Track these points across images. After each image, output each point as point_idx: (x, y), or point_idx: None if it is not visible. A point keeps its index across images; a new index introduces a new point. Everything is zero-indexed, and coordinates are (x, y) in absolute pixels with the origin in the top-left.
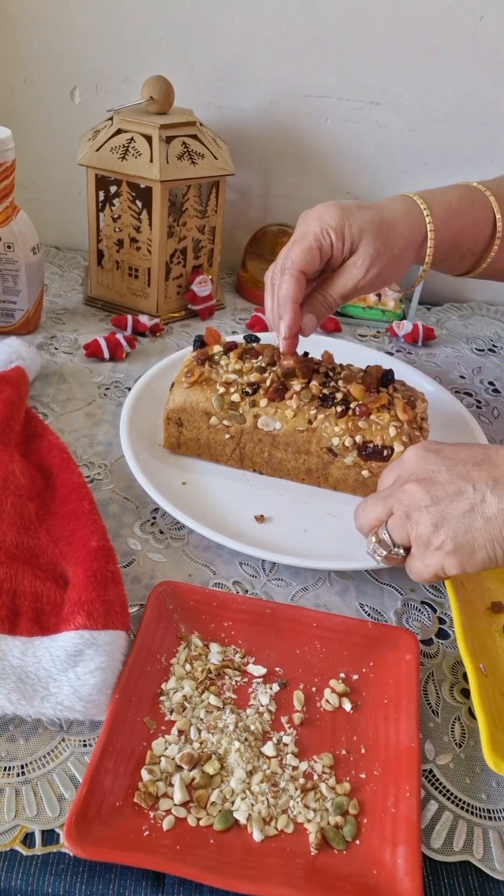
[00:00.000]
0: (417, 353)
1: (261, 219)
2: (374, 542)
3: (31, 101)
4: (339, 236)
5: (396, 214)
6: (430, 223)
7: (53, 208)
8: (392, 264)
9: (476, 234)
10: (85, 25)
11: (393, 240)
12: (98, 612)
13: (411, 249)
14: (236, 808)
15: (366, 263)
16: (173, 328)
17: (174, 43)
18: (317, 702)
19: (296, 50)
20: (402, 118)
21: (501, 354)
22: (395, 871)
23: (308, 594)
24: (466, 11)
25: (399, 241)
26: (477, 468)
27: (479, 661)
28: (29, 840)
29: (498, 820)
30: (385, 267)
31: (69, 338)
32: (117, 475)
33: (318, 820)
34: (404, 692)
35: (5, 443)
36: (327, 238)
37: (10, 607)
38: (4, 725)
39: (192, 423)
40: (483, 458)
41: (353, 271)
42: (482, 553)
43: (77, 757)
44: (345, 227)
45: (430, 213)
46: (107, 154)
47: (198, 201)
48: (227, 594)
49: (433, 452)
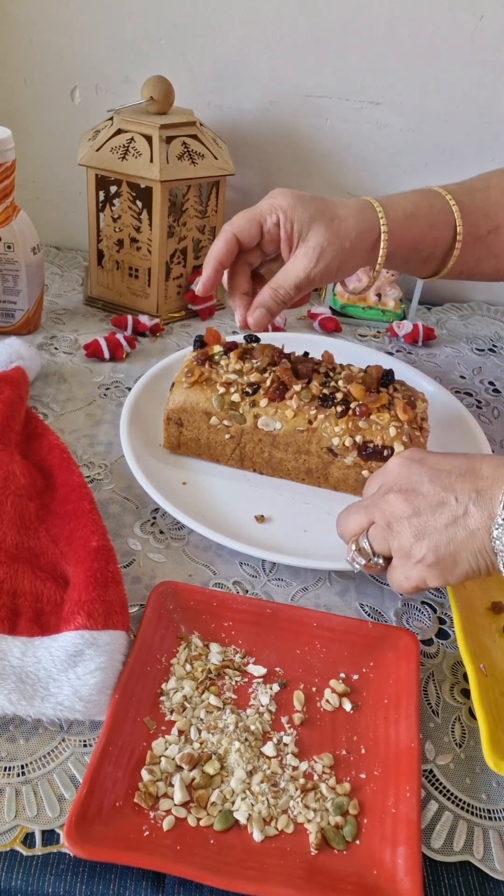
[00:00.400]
0: (417, 353)
1: None
2: (353, 549)
3: (31, 101)
4: (287, 218)
5: (350, 211)
6: (384, 225)
7: (53, 208)
8: (342, 257)
9: (436, 238)
10: (85, 25)
11: (344, 233)
12: (98, 612)
13: (363, 247)
14: (236, 808)
15: (316, 252)
16: (173, 328)
17: (174, 43)
18: (317, 702)
19: (296, 50)
20: (402, 118)
21: (501, 354)
22: (395, 871)
23: (308, 594)
24: (466, 11)
25: (350, 236)
26: (460, 479)
27: (479, 661)
28: (29, 840)
29: (498, 820)
30: (335, 258)
31: (69, 338)
32: (117, 475)
33: (318, 820)
34: (404, 692)
35: (5, 443)
36: (273, 216)
37: (10, 607)
38: (4, 725)
39: (192, 423)
40: (467, 468)
41: (303, 260)
42: (464, 565)
43: (77, 757)
44: (295, 212)
45: (384, 215)
46: (107, 154)
47: (198, 201)
48: (227, 594)
49: (417, 462)
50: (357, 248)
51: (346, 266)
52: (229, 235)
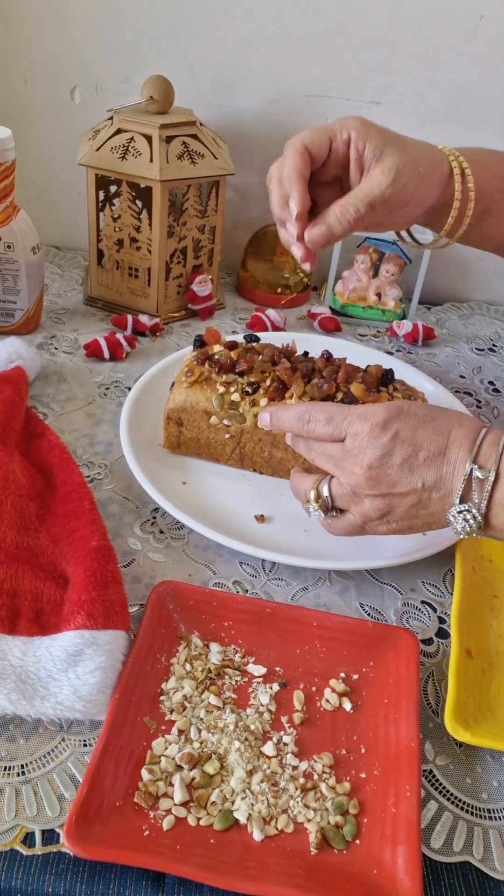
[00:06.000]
0: (417, 353)
1: (261, 219)
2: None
3: (31, 101)
4: (360, 136)
5: (419, 143)
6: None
7: (53, 208)
8: (417, 181)
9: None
10: (85, 25)
11: (417, 159)
12: (98, 611)
13: (433, 180)
14: (236, 808)
15: (393, 171)
16: (173, 328)
17: (174, 43)
18: (317, 701)
19: (296, 50)
20: (402, 118)
21: (501, 354)
22: (395, 870)
23: (308, 594)
24: (466, 11)
25: (423, 162)
26: (429, 464)
27: (468, 644)
28: (29, 840)
29: (498, 820)
30: (410, 181)
31: (69, 338)
32: (117, 475)
33: (318, 819)
34: (404, 692)
35: (5, 443)
36: (345, 133)
37: (10, 607)
38: (4, 725)
39: (192, 422)
40: (438, 450)
41: (379, 178)
42: (416, 530)
43: (77, 757)
44: (369, 132)
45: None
46: (107, 154)
47: (198, 201)
48: (227, 594)
49: (392, 434)
50: (429, 178)
51: (418, 194)
52: (300, 147)
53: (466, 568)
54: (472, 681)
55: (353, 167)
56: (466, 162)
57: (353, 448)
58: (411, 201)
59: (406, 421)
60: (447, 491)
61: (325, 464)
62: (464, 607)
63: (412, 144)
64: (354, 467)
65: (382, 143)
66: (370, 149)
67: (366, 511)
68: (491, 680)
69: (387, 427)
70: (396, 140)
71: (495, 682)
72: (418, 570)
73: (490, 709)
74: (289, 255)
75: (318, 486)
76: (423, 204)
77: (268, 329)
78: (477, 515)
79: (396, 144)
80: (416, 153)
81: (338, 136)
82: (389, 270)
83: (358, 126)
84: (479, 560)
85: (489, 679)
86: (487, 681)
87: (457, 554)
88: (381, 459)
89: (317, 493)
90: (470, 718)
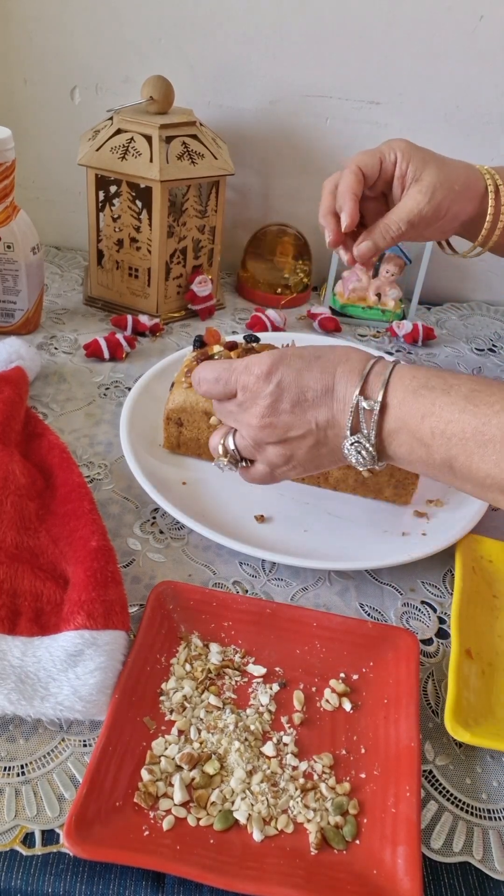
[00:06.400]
0: (417, 353)
1: (261, 219)
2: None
3: (31, 101)
4: (405, 157)
5: (458, 162)
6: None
7: (53, 208)
8: (452, 199)
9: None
10: (85, 25)
11: (454, 177)
12: (98, 612)
13: (469, 195)
14: (236, 808)
15: (430, 190)
16: (173, 328)
17: (174, 43)
18: (317, 702)
19: (296, 50)
20: (402, 118)
21: (501, 354)
22: (395, 871)
23: (308, 594)
24: (466, 11)
25: (459, 180)
26: (317, 405)
27: (468, 644)
28: (29, 840)
29: (498, 820)
30: (445, 198)
31: (69, 338)
32: (117, 475)
33: (318, 820)
34: (404, 692)
35: (5, 443)
36: (392, 154)
37: (10, 607)
38: (4, 725)
39: (192, 422)
40: (324, 387)
41: (417, 196)
42: (324, 468)
43: (77, 757)
44: (412, 153)
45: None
46: (107, 154)
47: (198, 201)
48: (227, 594)
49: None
50: (465, 195)
51: (453, 209)
52: (355, 168)
53: (466, 568)
54: (472, 681)
55: (396, 185)
56: (501, 179)
57: (244, 401)
58: (447, 215)
59: (290, 365)
60: (340, 426)
61: (227, 419)
62: (464, 607)
63: (450, 164)
64: (250, 419)
65: (423, 163)
66: (412, 169)
67: (270, 459)
68: (491, 680)
69: (270, 375)
70: (436, 160)
71: (495, 682)
72: (418, 570)
73: (490, 709)
74: (289, 256)
75: (225, 441)
76: (459, 217)
77: (268, 329)
78: (368, 446)
79: (435, 164)
80: (453, 172)
81: (386, 158)
82: (389, 270)
83: (403, 148)
84: (479, 560)
85: (489, 679)
86: (487, 681)
87: (457, 554)
88: (271, 407)
89: (223, 447)
90: (470, 719)
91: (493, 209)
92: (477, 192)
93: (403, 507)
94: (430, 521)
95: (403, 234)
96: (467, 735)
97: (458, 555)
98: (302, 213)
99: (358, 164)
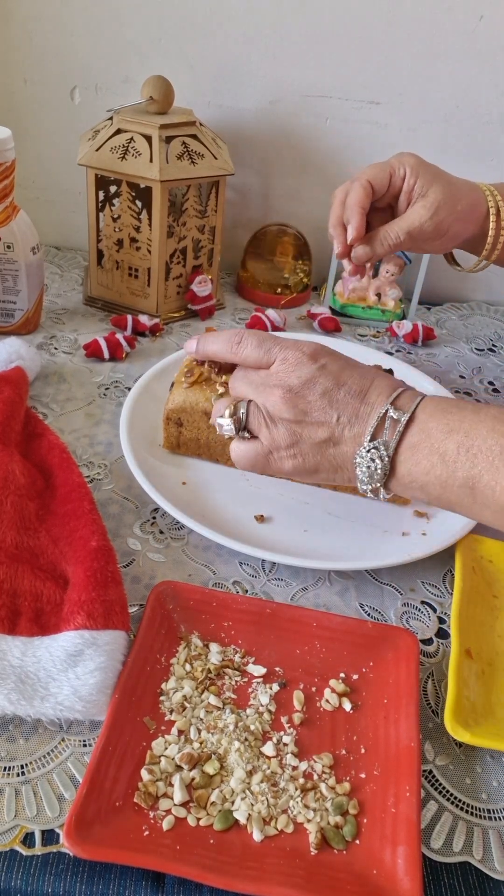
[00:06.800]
0: (417, 353)
1: (261, 219)
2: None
3: (31, 101)
4: (413, 173)
5: (463, 183)
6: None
7: (53, 208)
8: (454, 217)
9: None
10: (85, 25)
11: (458, 196)
12: (98, 612)
13: (472, 216)
14: (236, 808)
15: (434, 206)
16: (173, 328)
17: (174, 43)
18: (317, 702)
19: (296, 50)
20: (402, 118)
21: (501, 354)
22: (395, 871)
23: (308, 594)
24: (466, 11)
25: (463, 200)
26: (348, 400)
27: (468, 644)
28: (29, 840)
29: (498, 820)
30: (448, 216)
31: (69, 338)
32: (117, 475)
33: (318, 820)
34: (404, 692)
35: (5, 443)
36: (401, 170)
37: (10, 607)
38: (4, 725)
39: (191, 423)
40: (360, 389)
41: (420, 211)
42: (319, 477)
43: (77, 757)
44: (420, 169)
45: (490, 191)
46: (107, 154)
47: (198, 201)
48: (226, 594)
49: (320, 367)
50: (468, 215)
51: (455, 228)
52: (365, 183)
53: (466, 568)
54: (471, 681)
55: (403, 198)
56: (503, 198)
57: (279, 371)
58: (448, 233)
59: (335, 359)
60: (360, 429)
61: (244, 388)
62: (464, 607)
63: (456, 184)
64: (275, 389)
65: (430, 180)
66: (419, 185)
67: (275, 437)
68: (491, 680)
69: (316, 358)
70: (443, 179)
71: (495, 682)
72: (418, 570)
73: (490, 709)
74: (288, 256)
75: (236, 404)
76: (460, 236)
77: (268, 329)
78: (384, 455)
79: (442, 183)
80: (458, 192)
81: (396, 172)
82: (389, 271)
83: (413, 164)
84: (479, 560)
85: (489, 679)
86: (487, 681)
87: (457, 554)
88: (304, 385)
89: (233, 409)
90: (470, 718)
91: (493, 231)
92: (480, 214)
93: (403, 507)
94: (430, 520)
95: (402, 244)
96: (467, 735)
97: (458, 555)
98: (302, 213)
99: (368, 177)
